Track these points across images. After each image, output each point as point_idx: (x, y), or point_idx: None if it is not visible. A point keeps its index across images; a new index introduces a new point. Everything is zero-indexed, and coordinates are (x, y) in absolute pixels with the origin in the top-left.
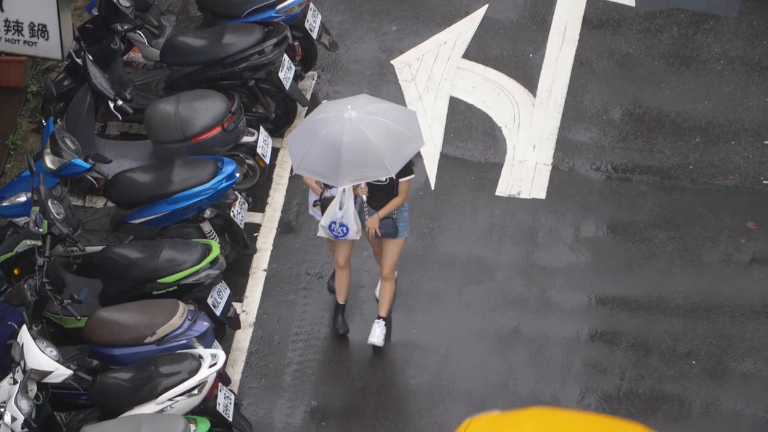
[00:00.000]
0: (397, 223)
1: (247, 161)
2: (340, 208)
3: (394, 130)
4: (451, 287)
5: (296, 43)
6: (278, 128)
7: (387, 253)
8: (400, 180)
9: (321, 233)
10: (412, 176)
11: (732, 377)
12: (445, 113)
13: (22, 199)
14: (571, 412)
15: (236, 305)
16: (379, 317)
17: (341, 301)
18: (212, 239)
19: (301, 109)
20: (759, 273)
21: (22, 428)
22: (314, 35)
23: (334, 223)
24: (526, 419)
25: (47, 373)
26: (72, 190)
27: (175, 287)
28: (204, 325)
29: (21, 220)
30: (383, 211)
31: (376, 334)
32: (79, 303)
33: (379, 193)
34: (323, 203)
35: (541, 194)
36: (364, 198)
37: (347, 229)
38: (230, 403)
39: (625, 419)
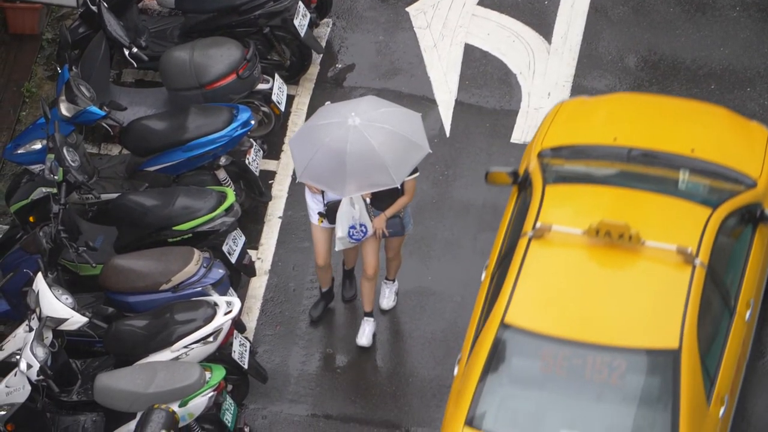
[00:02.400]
0: (404, 220)
1: (262, 108)
2: (354, 207)
3: (399, 139)
4: (466, 234)
5: None
6: (293, 75)
7: (390, 247)
8: (406, 178)
9: (339, 246)
10: (417, 174)
11: None
12: (460, 60)
13: (38, 146)
14: (656, 95)
15: (251, 253)
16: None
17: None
18: (227, 187)
19: (316, 57)
20: None
21: (38, 375)
22: None
23: (353, 227)
24: (613, 101)
25: (63, 321)
26: (87, 137)
27: (190, 235)
28: (219, 272)
29: (36, 168)
30: (390, 211)
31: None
32: (94, 250)
33: (383, 193)
34: (329, 209)
35: None
36: (367, 200)
37: (366, 228)
38: (245, 351)
39: (712, 103)
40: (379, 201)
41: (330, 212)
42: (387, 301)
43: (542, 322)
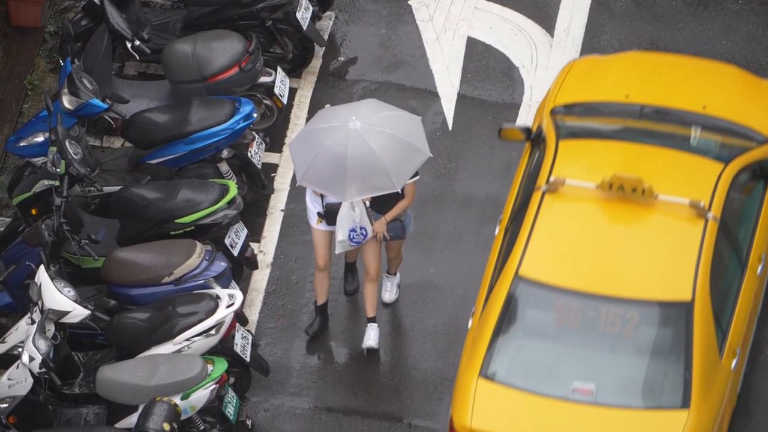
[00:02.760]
0: (404, 223)
1: (265, 101)
2: (354, 210)
3: (400, 143)
4: (469, 227)
5: None
6: (295, 68)
7: (391, 249)
8: (406, 182)
9: (339, 249)
10: (417, 177)
11: None
12: (463, 53)
13: (40, 139)
14: (667, 54)
15: (253, 245)
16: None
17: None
18: (229, 179)
19: (318, 50)
20: None
21: (40, 368)
22: None
23: (354, 230)
24: (625, 59)
25: (65, 313)
26: (89, 130)
27: (193, 227)
28: (221, 265)
29: (38, 160)
30: (390, 215)
31: (372, 337)
32: (96, 243)
33: (383, 197)
34: (328, 213)
35: None
36: (367, 203)
37: (366, 231)
38: (247, 344)
39: (722, 61)
40: (380, 204)
41: (329, 214)
42: (389, 294)
43: (556, 274)
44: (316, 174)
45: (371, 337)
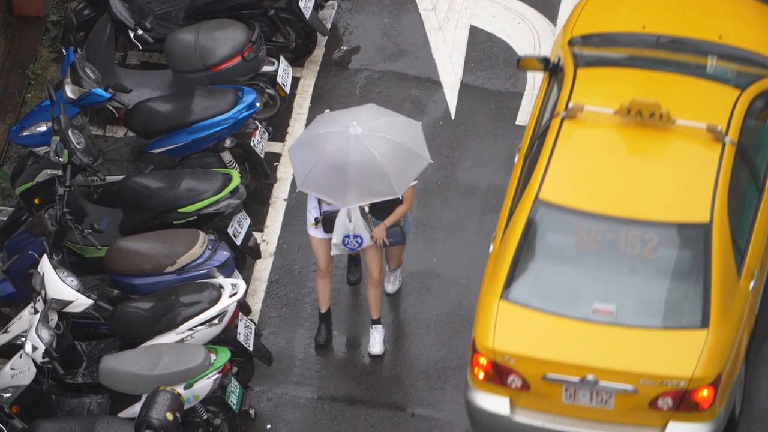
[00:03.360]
0: (404, 228)
1: (268, 91)
2: (350, 221)
3: (400, 149)
4: (472, 216)
5: None
6: (298, 58)
7: (392, 256)
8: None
9: (335, 251)
10: (416, 182)
11: None
12: (465, 42)
13: (43, 128)
14: None
15: (256, 235)
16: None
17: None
18: (232, 169)
19: (321, 39)
20: None
21: (43, 357)
22: None
23: (347, 237)
24: None
25: (68, 303)
26: (92, 119)
27: (196, 217)
28: (224, 254)
29: (41, 150)
30: (389, 220)
31: (378, 342)
32: (99, 233)
33: (382, 202)
34: (325, 221)
35: None
36: (366, 209)
37: (362, 239)
38: (250, 333)
39: None
40: (379, 210)
41: (326, 221)
42: (392, 286)
43: (576, 198)
44: (316, 179)
45: (377, 341)
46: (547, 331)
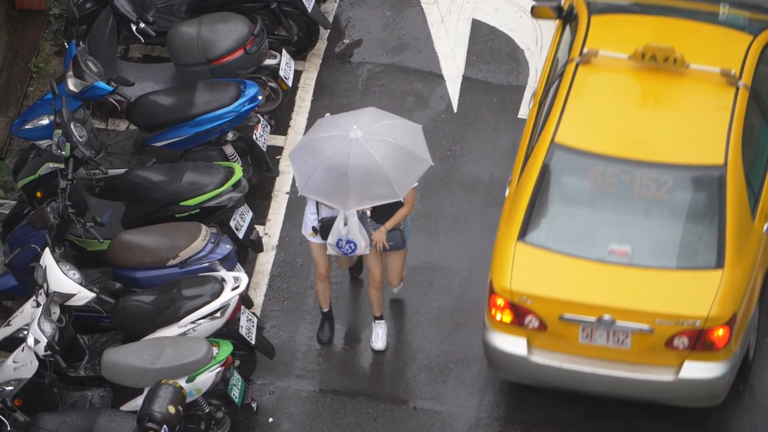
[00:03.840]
0: (404, 232)
1: (270, 84)
2: (345, 225)
3: (401, 152)
4: (474, 210)
5: None
6: (301, 51)
7: (393, 265)
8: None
9: (331, 251)
10: (416, 184)
11: None
12: (468, 36)
13: (45, 121)
14: None
15: (259, 228)
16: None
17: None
18: (235, 162)
19: (323, 32)
20: None
21: (45, 351)
22: None
23: (341, 240)
24: None
25: (70, 296)
26: (94, 112)
27: (198, 210)
28: (226, 247)
29: (44, 143)
30: (390, 224)
31: (380, 337)
32: (101, 226)
33: (382, 206)
34: (323, 227)
35: None
36: (368, 213)
37: (354, 245)
38: (253, 326)
39: None
40: (379, 214)
41: (324, 228)
42: (397, 289)
43: (591, 141)
44: (317, 184)
45: (379, 337)
46: (564, 272)
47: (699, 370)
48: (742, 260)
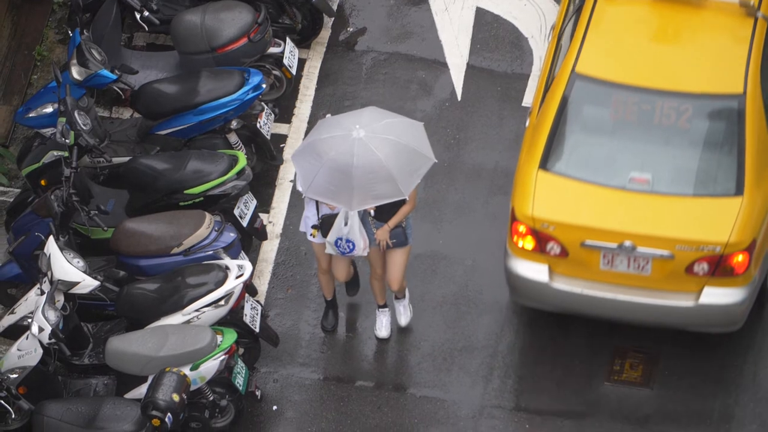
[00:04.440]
0: (406, 230)
1: (274, 72)
2: (346, 224)
3: (405, 150)
4: (478, 198)
5: None
6: (305, 39)
7: (395, 264)
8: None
9: (329, 250)
10: (418, 181)
11: None
12: (472, 24)
13: (49, 110)
14: None
15: (263, 216)
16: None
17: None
18: (239, 150)
19: (327, 20)
20: None
21: (50, 338)
22: None
23: (341, 239)
24: None
25: (74, 284)
26: (98, 101)
27: (202, 198)
28: (230, 236)
29: (48, 131)
30: (393, 221)
31: (384, 325)
32: (105, 214)
33: (385, 204)
34: (323, 224)
35: None
36: (371, 212)
37: (353, 245)
38: (257, 314)
39: None
40: (382, 212)
41: (324, 224)
42: (404, 317)
43: (612, 70)
44: (321, 184)
45: (383, 325)
46: (585, 200)
47: (718, 295)
48: (761, 187)
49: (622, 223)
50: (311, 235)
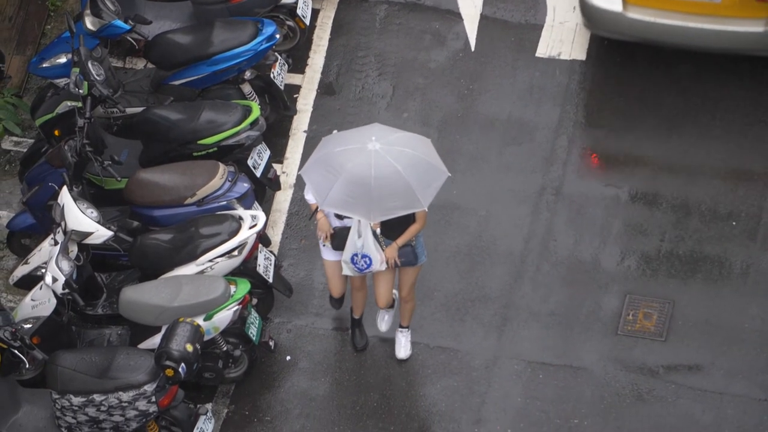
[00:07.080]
0: (416, 249)
1: (287, 22)
2: (359, 237)
3: (421, 162)
4: (491, 148)
5: None
6: None
7: (404, 279)
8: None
9: (346, 271)
10: (435, 194)
11: None
12: None
13: (63, 60)
14: None
15: (276, 166)
16: (402, 327)
17: (357, 316)
18: (252, 100)
19: None
20: None
21: (63, 289)
22: None
23: (356, 255)
24: None
25: (88, 234)
26: (112, 51)
27: (215, 148)
28: (244, 186)
29: (61, 82)
30: (402, 240)
31: (403, 345)
32: (119, 164)
33: (393, 222)
34: (336, 236)
35: (581, 56)
36: (378, 230)
37: (370, 260)
38: (270, 265)
39: None
40: (390, 230)
41: (337, 237)
42: (404, 350)
43: None
44: (338, 197)
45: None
46: None
47: None
48: None
49: None
50: (323, 242)
